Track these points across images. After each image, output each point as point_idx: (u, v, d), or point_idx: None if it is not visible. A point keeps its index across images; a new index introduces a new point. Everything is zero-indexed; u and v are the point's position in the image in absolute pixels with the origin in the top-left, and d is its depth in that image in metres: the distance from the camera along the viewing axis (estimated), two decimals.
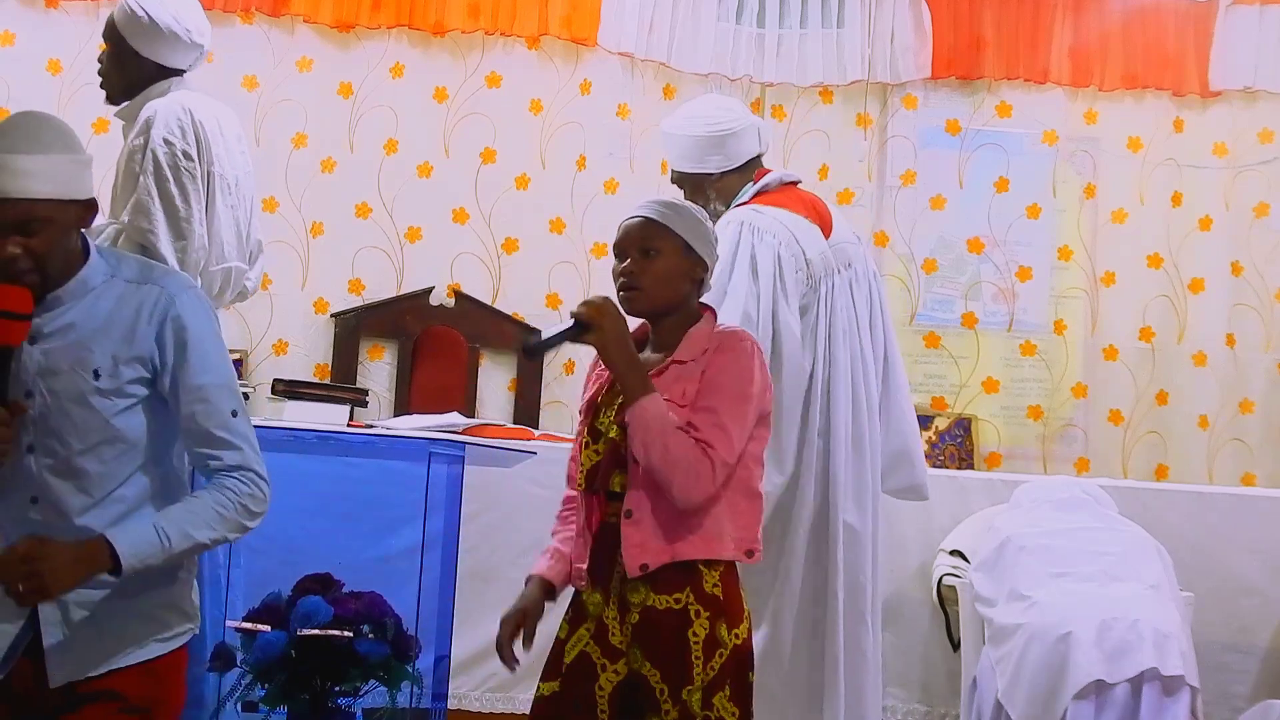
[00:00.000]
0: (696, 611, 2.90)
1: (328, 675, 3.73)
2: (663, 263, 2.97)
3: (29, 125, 2.59)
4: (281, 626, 3.72)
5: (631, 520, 2.89)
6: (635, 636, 2.89)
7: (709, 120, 4.06)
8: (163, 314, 2.64)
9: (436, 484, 4.05)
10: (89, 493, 2.59)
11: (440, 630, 4.00)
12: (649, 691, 2.86)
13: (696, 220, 3.05)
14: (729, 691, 2.89)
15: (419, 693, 3.88)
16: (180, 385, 2.65)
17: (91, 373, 2.57)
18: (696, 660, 2.87)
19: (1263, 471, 5.90)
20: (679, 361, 2.95)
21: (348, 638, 3.71)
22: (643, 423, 2.85)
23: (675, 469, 2.85)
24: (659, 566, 2.87)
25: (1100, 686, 4.04)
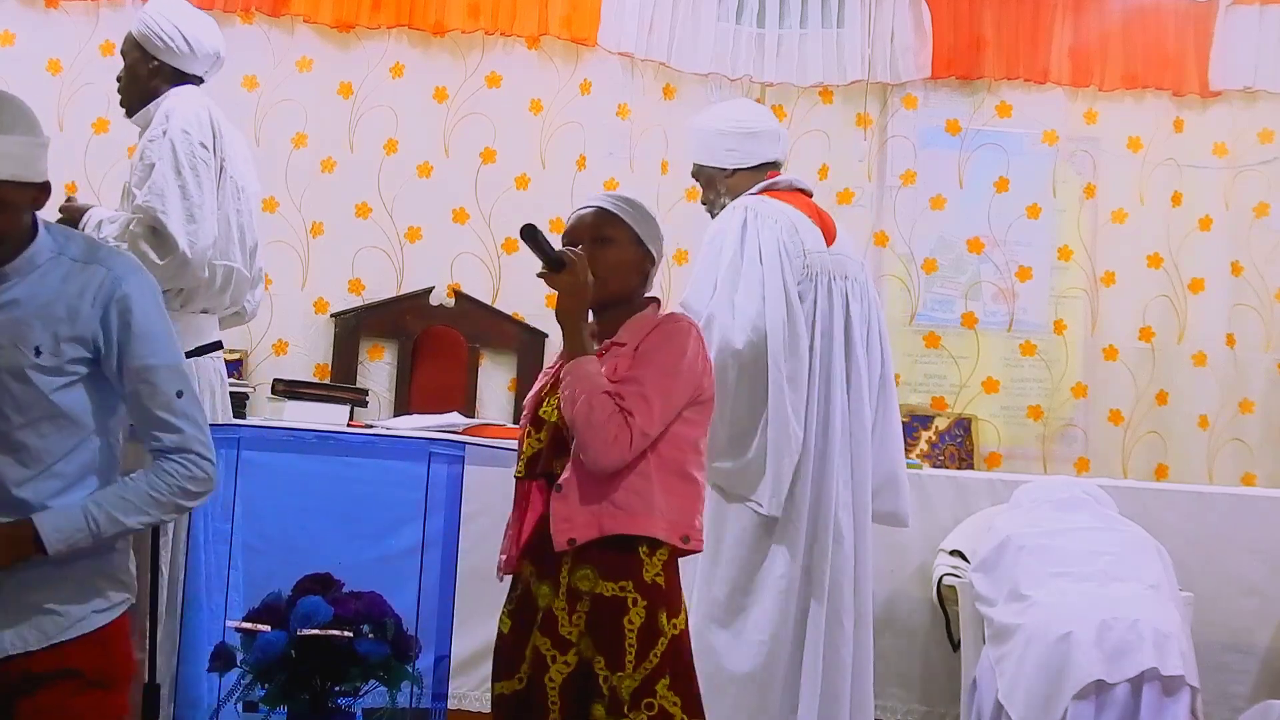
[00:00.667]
0: (634, 600, 2.91)
1: (328, 675, 3.73)
2: (615, 252, 3.01)
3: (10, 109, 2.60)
4: (281, 626, 3.72)
5: (560, 495, 2.91)
6: (587, 625, 2.90)
7: (732, 117, 4.19)
8: (108, 295, 2.66)
9: (436, 484, 4.05)
10: (27, 465, 2.61)
11: (440, 630, 4.00)
12: (594, 679, 2.87)
13: (648, 214, 3.09)
14: (669, 680, 2.90)
15: (419, 693, 3.87)
16: (124, 366, 2.67)
17: (32, 349, 2.60)
18: (630, 648, 2.88)
19: (1263, 471, 5.90)
20: (619, 344, 2.99)
21: (348, 638, 3.70)
22: (574, 377, 2.89)
23: (592, 428, 2.87)
24: (593, 544, 2.88)
25: (1100, 686, 4.04)
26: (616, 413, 2.87)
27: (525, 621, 2.97)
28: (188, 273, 3.87)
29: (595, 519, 2.90)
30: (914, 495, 4.98)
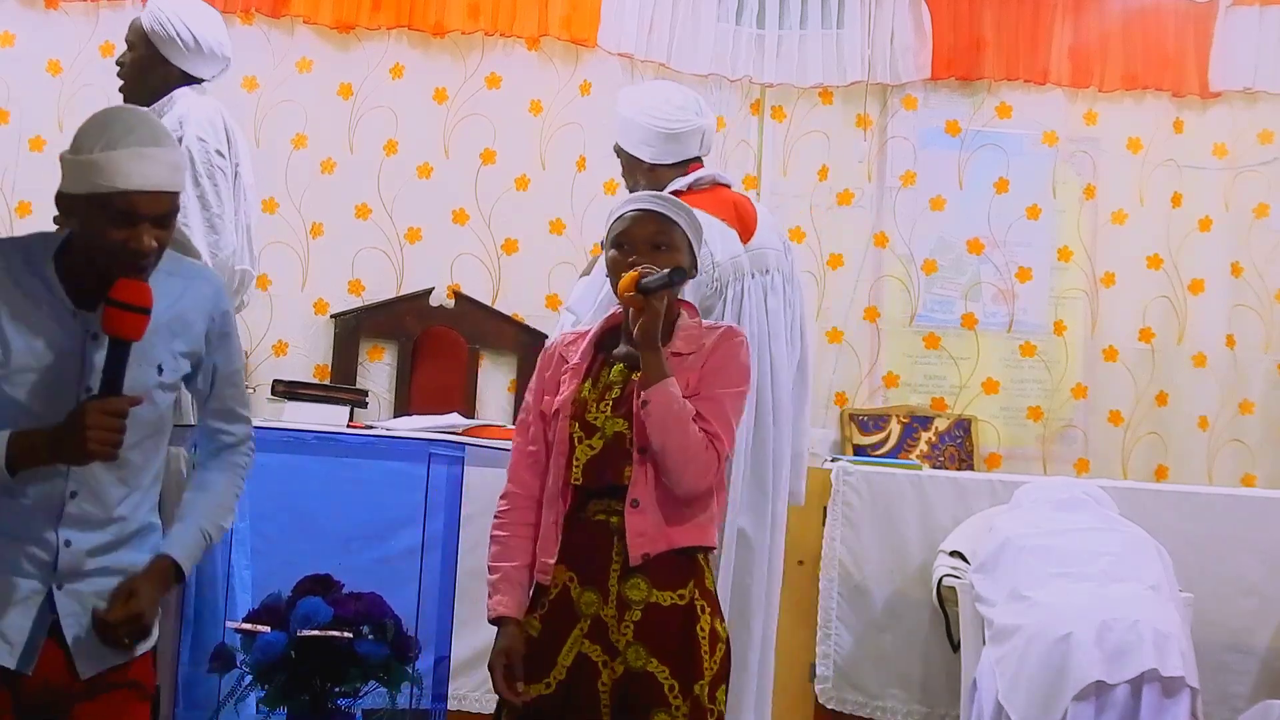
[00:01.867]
0: (702, 607, 2.92)
1: (328, 676, 3.73)
2: (672, 259, 3.00)
3: (148, 119, 2.60)
4: (281, 627, 3.72)
5: (638, 510, 2.90)
6: (638, 634, 2.89)
7: (657, 115, 4.11)
8: (212, 308, 2.70)
9: (436, 485, 4.06)
10: (128, 483, 2.62)
11: (440, 631, 4.00)
12: (656, 689, 2.86)
13: (697, 222, 3.08)
14: (726, 685, 2.92)
15: (419, 693, 3.88)
16: (218, 373, 2.74)
17: (155, 368, 2.60)
18: (705, 655, 2.89)
19: (1262, 472, 5.90)
20: (677, 354, 2.98)
21: (348, 639, 3.71)
22: (664, 405, 2.87)
23: (689, 458, 2.89)
24: (657, 555, 2.89)
25: (1100, 687, 4.04)
26: (706, 440, 2.89)
27: (560, 628, 2.95)
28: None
29: (664, 533, 2.91)
30: (914, 496, 5.02)
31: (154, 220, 2.50)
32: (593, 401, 2.99)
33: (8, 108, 5.56)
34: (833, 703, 4.98)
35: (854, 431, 5.83)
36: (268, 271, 5.64)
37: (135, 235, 2.48)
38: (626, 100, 4.23)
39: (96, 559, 2.58)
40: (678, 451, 2.88)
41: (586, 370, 3.04)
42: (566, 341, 3.13)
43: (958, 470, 5.66)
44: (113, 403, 2.47)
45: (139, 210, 2.48)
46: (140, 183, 2.47)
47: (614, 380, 3.01)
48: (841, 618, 4.98)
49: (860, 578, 4.99)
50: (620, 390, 2.98)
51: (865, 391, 5.97)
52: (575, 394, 3.01)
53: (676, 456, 2.88)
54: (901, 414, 5.87)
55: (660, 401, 2.87)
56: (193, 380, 2.72)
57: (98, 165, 2.47)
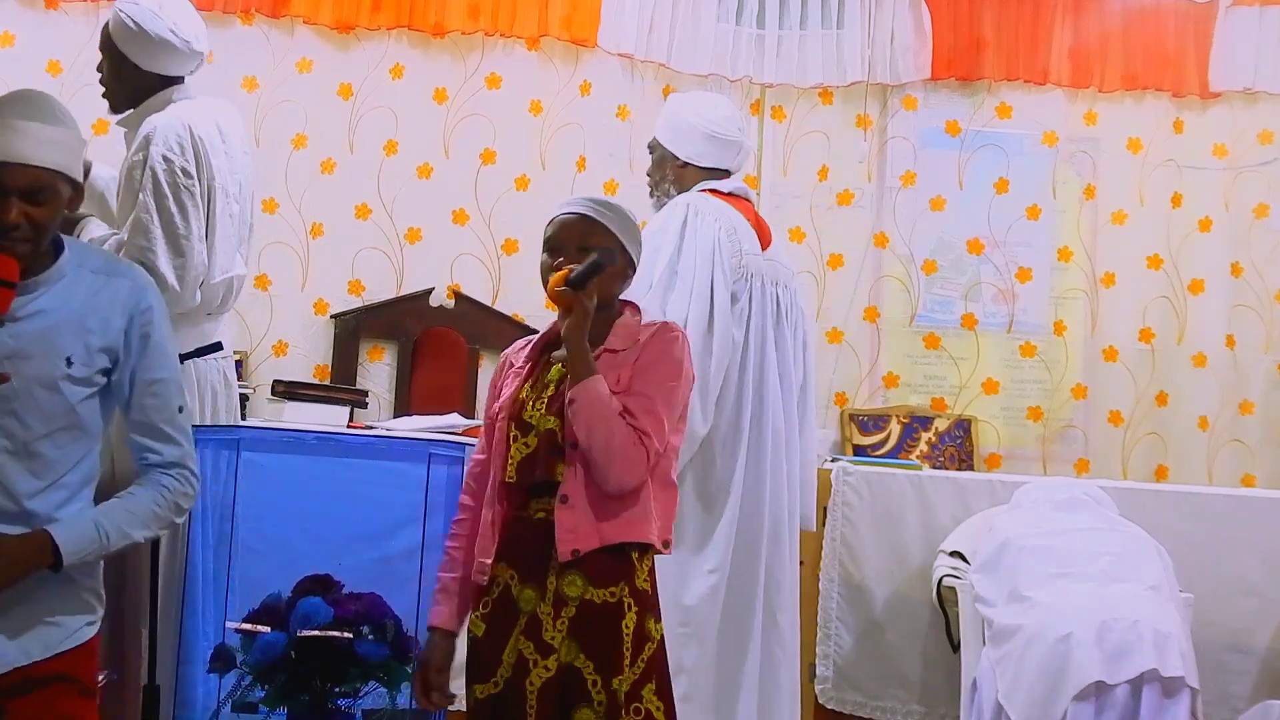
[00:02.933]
0: (629, 605, 2.93)
1: (327, 676, 3.73)
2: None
3: (40, 98, 2.62)
4: (281, 627, 3.72)
5: (567, 505, 2.92)
6: (570, 630, 2.91)
7: (708, 116, 4.23)
8: (133, 307, 2.68)
9: (436, 485, 4.05)
10: (40, 476, 2.61)
11: None
12: (581, 684, 2.88)
13: (630, 221, 3.11)
14: (655, 685, 2.93)
15: None
16: (136, 378, 2.70)
17: (64, 359, 2.60)
18: (627, 651, 2.89)
19: (1262, 472, 5.90)
20: (611, 350, 3.00)
21: (347, 639, 3.70)
22: (589, 403, 2.89)
23: (614, 454, 2.90)
24: (588, 551, 2.90)
25: (1100, 688, 4.03)
26: (634, 437, 2.90)
27: (502, 625, 2.97)
28: (179, 304, 3.81)
29: (596, 529, 2.92)
30: (914, 496, 5.02)
31: (21, 194, 2.51)
32: (530, 400, 3.02)
33: None
34: (833, 703, 4.98)
35: (854, 432, 5.83)
36: (267, 271, 5.64)
37: (2, 207, 2.49)
38: (680, 99, 4.42)
39: None
40: (604, 448, 2.89)
41: (528, 372, 3.08)
42: (517, 349, 3.18)
43: (958, 470, 5.66)
44: None
45: (3, 181, 2.49)
46: (6, 154, 2.49)
47: (551, 379, 3.04)
48: (841, 618, 4.98)
49: (860, 578, 4.99)
50: (554, 388, 3.01)
51: (865, 392, 5.97)
52: (515, 395, 3.05)
53: (603, 453, 2.90)
54: (901, 414, 5.87)
55: (585, 399, 2.89)
56: (114, 383, 2.69)
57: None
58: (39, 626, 2.61)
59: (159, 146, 3.84)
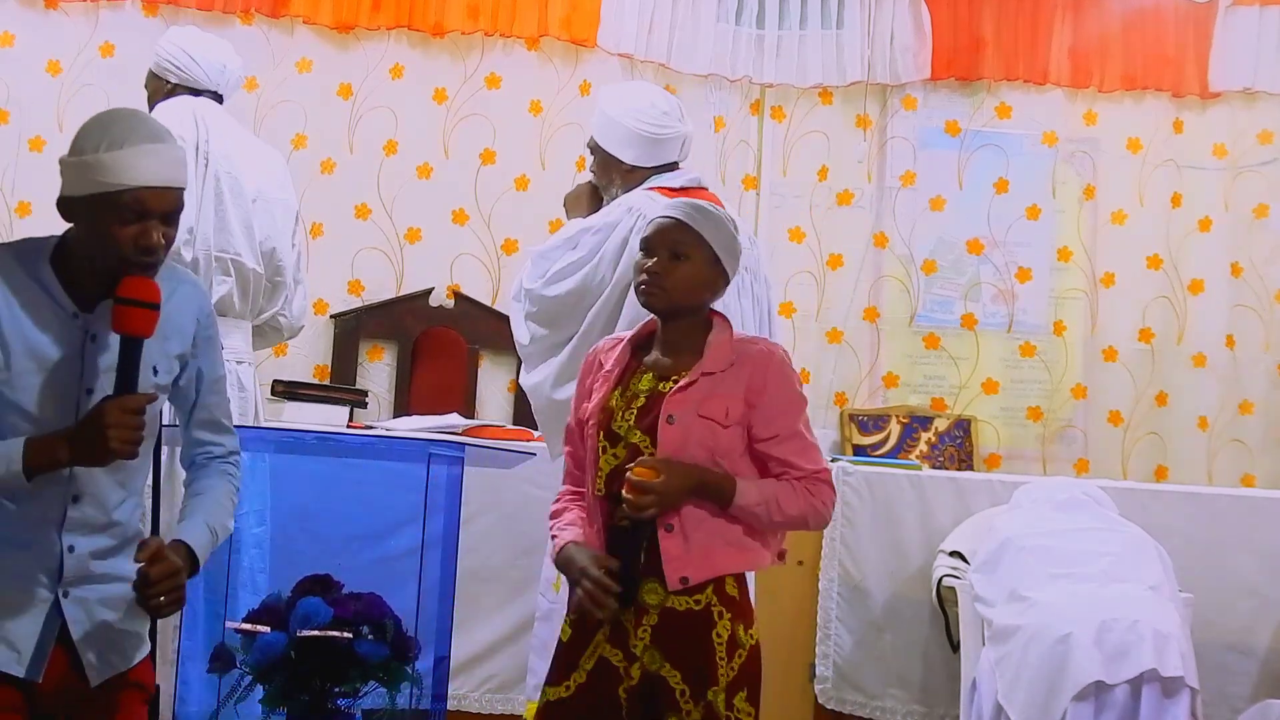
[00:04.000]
0: (720, 612, 2.90)
1: (327, 676, 3.72)
2: (690, 268, 2.98)
3: (148, 118, 2.62)
4: (281, 627, 3.72)
5: (672, 534, 2.88)
6: (654, 638, 2.88)
7: (644, 119, 4.14)
8: (198, 310, 2.71)
9: (436, 485, 4.05)
10: (125, 487, 2.62)
11: (440, 631, 3.99)
12: (668, 693, 2.85)
13: (729, 233, 3.04)
14: (747, 692, 2.90)
15: (418, 694, 3.87)
16: (202, 377, 2.73)
17: (151, 369, 2.60)
18: (721, 661, 2.87)
19: (1262, 472, 5.90)
20: (709, 373, 2.95)
21: (347, 639, 3.70)
22: (751, 514, 2.90)
23: (806, 518, 2.94)
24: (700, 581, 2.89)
25: (1100, 688, 4.03)
26: (804, 489, 2.92)
27: (586, 631, 2.95)
28: None
29: (708, 558, 2.90)
30: (914, 496, 5.02)
31: (162, 216, 2.51)
32: (619, 410, 2.97)
33: (7, 108, 5.55)
34: (832, 703, 4.98)
35: (854, 432, 5.83)
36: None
37: (145, 232, 2.49)
38: (610, 100, 4.24)
39: (99, 564, 2.58)
40: (796, 523, 2.95)
41: (618, 378, 3.02)
42: (606, 348, 3.11)
43: (957, 470, 5.66)
44: (131, 400, 2.47)
45: (148, 206, 2.48)
46: (149, 179, 2.48)
47: (641, 389, 2.98)
48: (841, 618, 4.98)
49: (860, 578, 4.99)
50: (645, 399, 2.96)
51: (865, 392, 5.97)
52: (604, 402, 3.00)
53: (798, 525, 2.96)
54: (901, 414, 5.87)
55: (747, 514, 2.91)
56: (180, 385, 2.71)
57: (104, 165, 2.47)
58: (119, 638, 2.63)
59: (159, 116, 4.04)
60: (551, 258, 4.11)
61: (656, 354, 3.02)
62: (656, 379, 2.98)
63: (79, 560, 2.55)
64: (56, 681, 2.55)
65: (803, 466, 2.92)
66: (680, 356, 2.99)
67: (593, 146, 4.23)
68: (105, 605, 2.58)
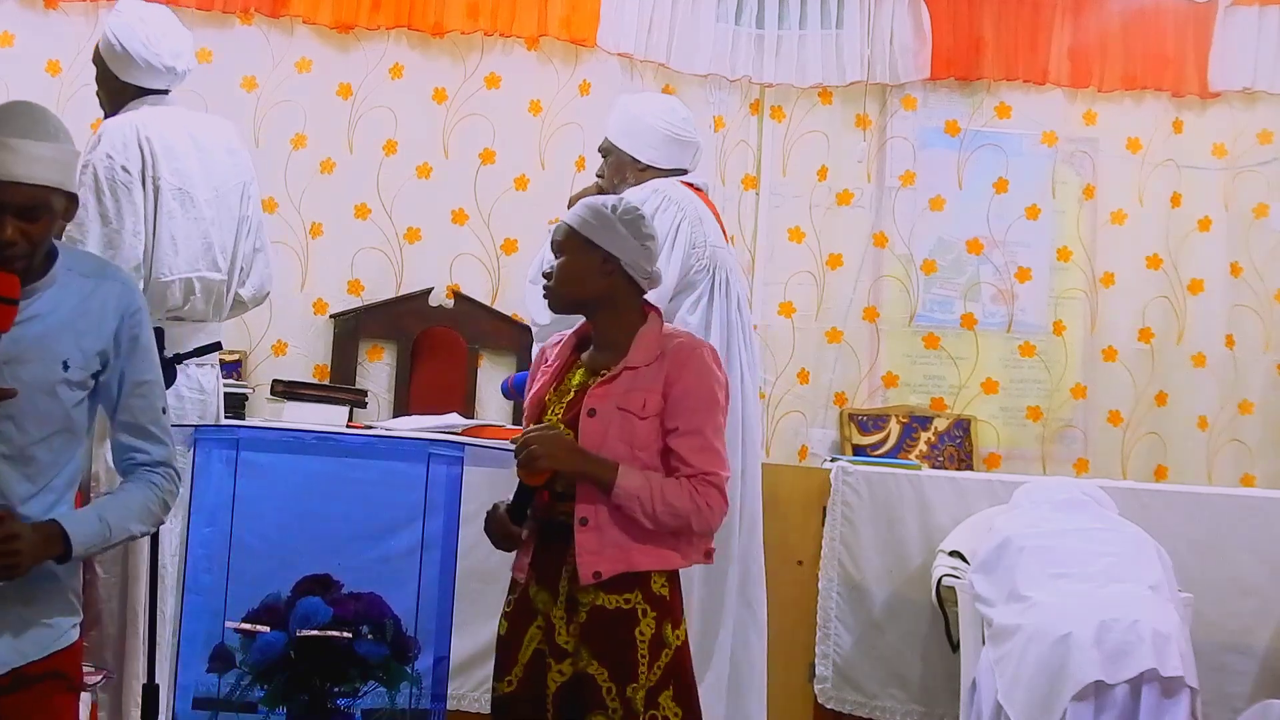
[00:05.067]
0: (644, 611, 2.92)
1: (327, 676, 3.72)
2: (567, 262, 3.03)
3: (33, 113, 2.62)
4: (280, 627, 3.72)
5: (586, 528, 2.91)
6: (583, 635, 2.91)
7: (669, 120, 4.30)
8: (123, 309, 2.69)
9: (436, 485, 4.05)
10: (34, 481, 2.61)
11: (439, 631, 3.99)
12: (595, 690, 2.89)
13: (601, 216, 3.04)
14: (673, 691, 2.92)
15: (418, 694, 3.87)
16: (125, 379, 2.71)
17: (61, 363, 2.60)
18: (642, 659, 2.90)
19: (1262, 472, 5.90)
20: (631, 367, 2.97)
21: (347, 639, 3.70)
22: (633, 499, 2.88)
23: (686, 516, 2.91)
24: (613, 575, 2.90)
25: (1100, 688, 4.03)
26: (690, 488, 2.90)
27: (521, 624, 2.99)
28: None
29: (623, 554, 2.91)
30: (913, 496, 5.02)
31: (16, 212, 2.51)
32: (552, 404, 3.03)
33: None
34: (832, 703, 4.98)
35: (853, 431, 5.83)
36: None
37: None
38: (634, 104, 4.38)
39: None
40: (674, 519, 2.91)
41: (556, 371, 3.08)
42: (553, 342, 3.17)
43: (957, 470, 5.66)
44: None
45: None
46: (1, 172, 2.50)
47: (573, 383, 3.04)
48: (841, 618, 4.98)
49: (859, 578, 4.99)
50: (574, 393, 3.01)
51: (865, 391, 5.97)
52: (540, 395, 3.06)
53: (676, 521, 2.92)
54: (901, 414, 5.87)
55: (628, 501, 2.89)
56: (102, 384, 2.69)
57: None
58: (33, 628, 2.61)
59: (104, 145, 4.01)
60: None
61: (591, 350, 3.06)
62: (588, 374, 3.03)
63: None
64: None
65: (694, 464, 2.92)
66: (612, 352, 3.03)
67: (607, 149, 4.32)
68: (13, 593, 2.57)
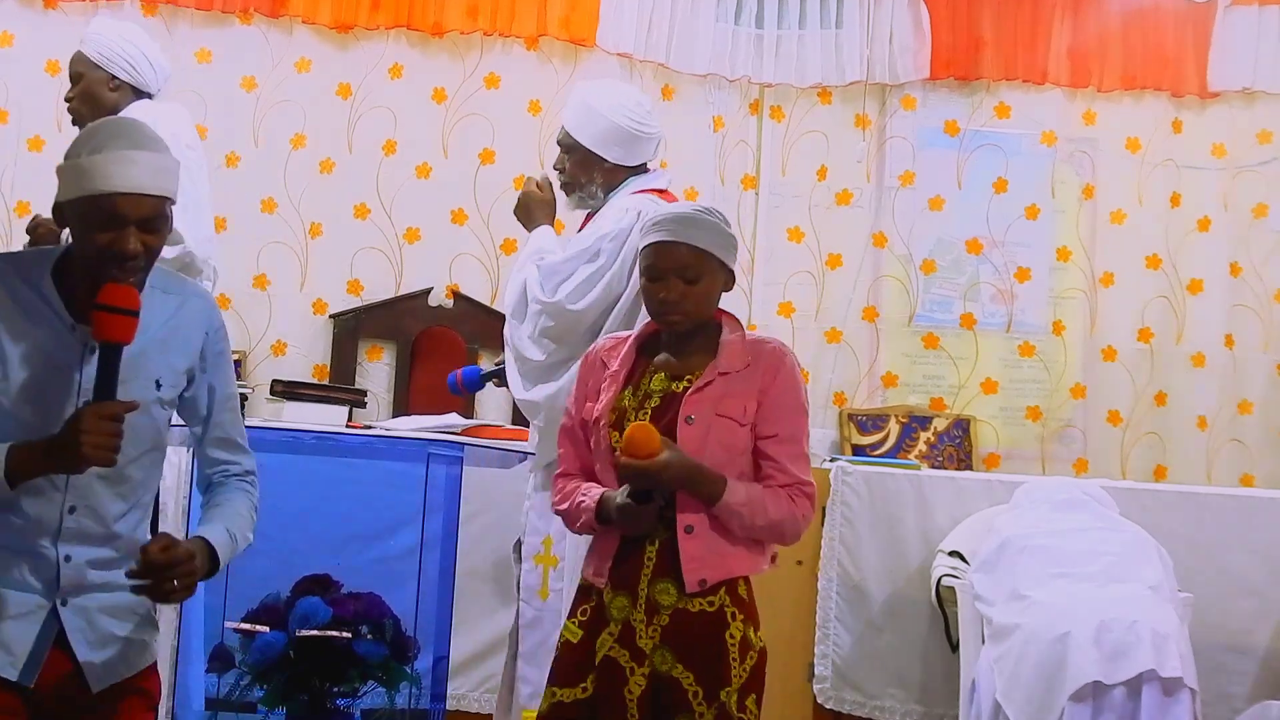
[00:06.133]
0: (733, 614, 2.91)
1: (326, 676, 3.73)
2: (704, 287, 2.98)
3: (139, 126, 2.61)
4: (280, 627, 3.72)
5: (692, 535, 2.89)
6: (665, 638, 2.89)
7: (630, 114, 4.02)
8: (207, 324, 2.70)
9: (435, 485, 4.06)
10: (125, 499, 2.61)
11: (439, 631, 4.00)
12: (680, 694, 2.86)
13: (727, 235, 3.02)
14: (756, 695, 2.92)
15: (417, 693, 3.88)
16: (215, 393, 2.72)
17: (154, 382, 2.59)
18: (734, 662, 2.88)
19: (1261, 472, 5.90)
20: (725, 373, 2.96)
21: (346, 638, 3.71)
22: (736, 514, 2.90)
23: (784, 528, 2.94)
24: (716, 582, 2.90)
25: (1098, 688, 4.03)
26: (787, 497, 2.91)
27: (595, 632, 2.95)
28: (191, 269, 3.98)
29: (722, 560, 2.91)
30: (913, 496, 5.01)
31: (139, 224, 2.49)
32: (632, 410, 2.97)
33: (6, 108, 5.55)
34: (831, 703, 4.98)
35: (853, 431, 5.83)
36: (266, 271, 5.64)
37: (121, 238, 2.48)
38: (594, 95, 4.08)
39: (99, 573, 2.58)
40: (774, 531, 2.94)
41: (626, 377, 3.03)
42: (607, 347, 3.11)
43: (956, 470, 5.65)
44: (107, 406, 2.45)
45: (120, 212, 2.47)
46: (122, 184, 2.47)
47: (654, 389, 2.99)
48: (840, 618, 4.97)
49: (859, 578, 4.99)
50: (660, 400, 2.97)
51: (864, 391, 5.97)
52: (614, 401, 3.00)
53: (775, 534, 2.95)
54: (900, 414, 5.87)
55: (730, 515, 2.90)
56: (188, 399, 2.70)
57: (84, 169, 2.48)
58: (125, 647, 2.62)
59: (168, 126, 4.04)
60: (566, 270, 3.95)
61: (665, 355, 3.02)
62: (669, 379, 2.99)
63: (76, 569, 2.55)
64: (57, 687, 2.54)
65: (792, 472, 2.93)
66: (691, 356, 3.00)
67: (570, 145, 4.05)
68: (107, 613, 2.58)
